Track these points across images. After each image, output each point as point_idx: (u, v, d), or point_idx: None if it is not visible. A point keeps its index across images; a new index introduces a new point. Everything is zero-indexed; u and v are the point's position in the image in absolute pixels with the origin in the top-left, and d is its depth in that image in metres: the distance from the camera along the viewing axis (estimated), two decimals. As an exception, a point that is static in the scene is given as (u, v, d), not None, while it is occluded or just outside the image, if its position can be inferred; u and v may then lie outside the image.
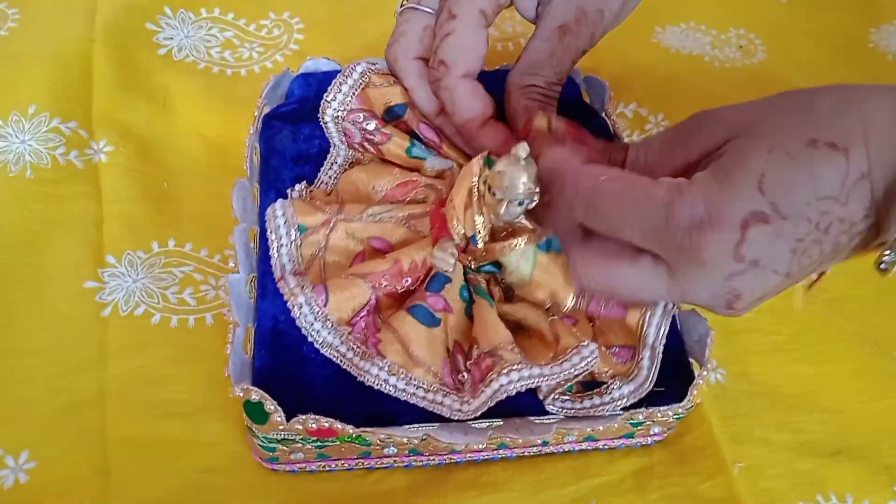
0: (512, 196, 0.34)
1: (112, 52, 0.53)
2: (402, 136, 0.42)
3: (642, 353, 0.36)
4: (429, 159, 0.42)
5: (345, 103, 0.43)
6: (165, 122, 0.52)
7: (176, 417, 0.40)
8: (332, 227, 0.38)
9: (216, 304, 0.44)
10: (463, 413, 0.35)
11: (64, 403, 0.40)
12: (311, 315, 0.36)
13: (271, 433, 0.35)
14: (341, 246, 0.39)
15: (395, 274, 0.37)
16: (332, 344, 0.36)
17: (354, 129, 0.43)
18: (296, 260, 0.38)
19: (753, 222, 0.30)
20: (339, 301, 0.36)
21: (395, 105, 0.43)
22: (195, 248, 0.46)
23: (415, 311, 0.36)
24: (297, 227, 0.38)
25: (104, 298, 0.44)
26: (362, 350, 0.36)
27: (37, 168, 0.48)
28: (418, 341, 0.36)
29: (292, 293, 0.36)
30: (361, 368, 0.36)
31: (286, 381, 0.36)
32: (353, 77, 0.43)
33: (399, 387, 0.35)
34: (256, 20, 0.58)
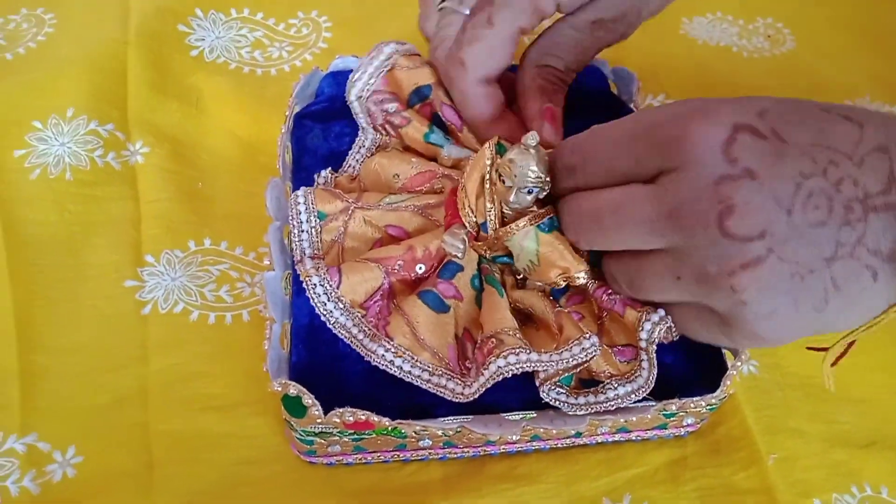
0: (521, 184, 0.34)
1: (146, 55, 0.54)
2: (421, 121, 0.42)
3: (641, 354, 0.36)
4: (445, 147, 0.42)
5: (369, 84, 0.43)
6: (198, 122, 0.53)
7: (215, 412, 0.41)
8: (350, 215, 0.39)
9: (252, 301, 0.45)
10: (464, 396, 0.35)
11: (107, 399, 0.41)
12: (325, 295, 0.36)
13: (309, 427, 0.35)
14: (359, 233, 0.39)
15: (408, 260, 0.38)
16: (343, 324, 0.37)
17: (377, 109, 0.43)
18: (315, 245, 0.39)
19: (746, 130, 0.29)
20: (353, 283, 0.37)
21: (423, 86, 0.43)
22: (230, 247, 0.47)
23: (425, 297, 0.37)
24: (316, 213, 0.39)
25: (144, 297, 0.45)
26: (372, 332, 0.37)
27: (76, 170, 0.49)
28: (426, 325, 0.36)
29: (307, 273, 0.37)
30: (369, 349, 0.36)
31: (323, 375, 0.36)
32: (379, 58, 0.43)
33: (405, 369, 0.36)
34: (285, 19, 0.59)
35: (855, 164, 0.28)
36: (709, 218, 0.29)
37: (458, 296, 0.38)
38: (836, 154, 0.28)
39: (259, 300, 0.45)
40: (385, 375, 0.36)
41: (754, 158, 0.28)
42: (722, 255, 0.29)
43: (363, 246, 0.39)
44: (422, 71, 0.43)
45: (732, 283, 0.29)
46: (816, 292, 0.29)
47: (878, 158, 0.28)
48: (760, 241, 0.28)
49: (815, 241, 0.28)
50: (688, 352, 0.38)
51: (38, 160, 0.49)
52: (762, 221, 0.28)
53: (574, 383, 0.37)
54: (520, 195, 0.35)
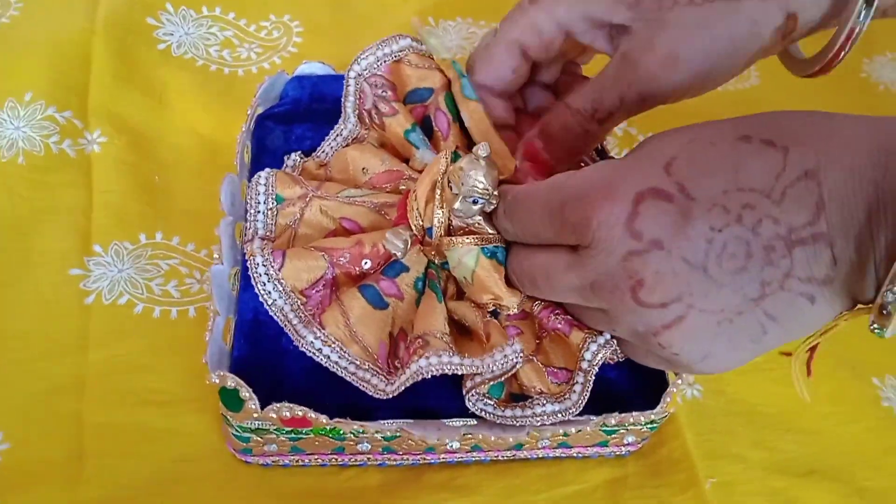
0: (467, 193, 0.35)
1: (111, 45, 0.54)
2: (407, 117, 0.42)
3: (576, 377, 0.35)
4: (421, 150, 0.42)
5: (374, 66, 0.43)
6: (160, 116, 0.52)
7: (153, 406, 0.40)
8: (308, 202, 0.39)
9: (200, 298, 0.45)
10: (385, 393, 0.35)
11: (42, 387, 0.40)
12: (265, 276, 0.36)
13: (246, 422, 0.35)
14: (314, 221, 0.39)
15: (355, 254, 0.37)
16: (280, 307, 0.36)
17: (370, 91, 0.43)
18: (268, 227, 0.39)
19: (649, 197, 0.28)
20: (296, 268, 0.37)
21: (424, 88, 0.43)
22: (182, 242, 0.47)
23: (364, 291, 0.37)
24: (274, 196, 0.39)
25: (88, 286, 0.44)
26: (306, 318, 0.36)
27: (29, 155, 0.48)
28: (361, 319, 0.36)
29: (252, 252, 0.37)
30: (300, 335, 0.36)
31: (263, 371, 0.36)
32: (392, 46, 0.43)
33: (332, 359, 0.36)
34: (257, 21, 0.59)
35: (774, 201, 0.27)
36: (623, 292, 0.29)
37: (399, 295, 0.37)
38: (752, 195, 0.27)
39: (207, 297, 0.45)
40: (327, 375, 0.36)
41: (659, 227, 0.28)
42: (644, 321, 0.30)
43: (316, 234, 0.39)
44: (429, 73, 0.43)
45: (660, 340, 0.30)
46: (751, 328, 0.29)
47: (804, 188, 0.27)
48: (678, 304, 0.29)
49: (738, 286, 0.28)
50: (631, 368, 0.38)
51: (-10, 142, 0.48)
52: (675, 287, 0.28)
53: (504, 396, 0.37)
54: (465, 203, 0.35)
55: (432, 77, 0.43)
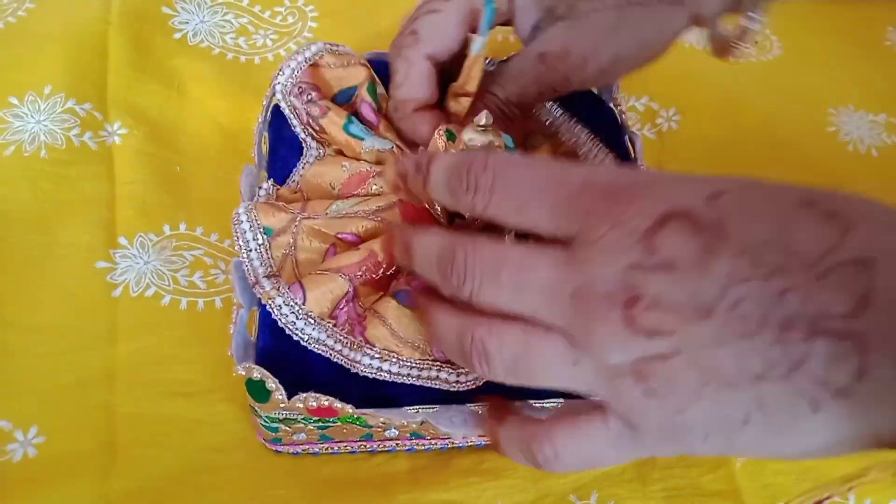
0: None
1: (128, 35, 0.54)
2: (339, 113, 0.41)
3: None
4: (367, 140, 0.41)
5: (293, 77, 0.42)
6: (179, 106, 0.52)
7: (182, 397, 0.41)
8: (298, 226, 0.38)
9: (225, 288, 0.45)
10: (461, 384, 0.35)
11: (73, 380, 0.41)
12: (292, 315, 0.36)
13: (273, 412, 0.35)
14: (309, 244, 0.38)
15: (370, 265, 0.37)
16: (318, 339, 0.36)
17: (299, 103, 0.42)
18: (267, 263, 0.38)
19: (682, 218, 0.26)
20: (317, 297, 0.36)
21: (348, 88, 0.43)
22: (206, 233, 0.47)
23: (398, 296, 0.37)
24: (262, 230, 0.38)
25: (115, 279, 0.44)
26: (350, 340, 0.36)
27: (51, 148, 0.48)
28: (404, 323, 0.36)
29: (269, 296, 0.36)
30: (352, 359, 0.36)
31: (289, 361, 0.36)
32: (304, 54, 0.43)
33: (392, 371, 0.36)
34: (271, 7, 0.58)
35: (814, 275, 0.23)
36: (612, 305, 0.26)
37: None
38: (792, 260, 0.24)
39: (233, 287, 0.45)
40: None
41: (678, 250, 0.25)
42: (626, 347, 0.26)
43: (316, 256, 0.38)
44: (348, 71, 0.43)
45: (639, 371, 0.26)
46: (734, 410, 0.25)
47: (853, 273, 0.23)
48: (668, 339, 0.25)
49: (740, 354, 0.24)
50: None
51: (12, 137, 0.49)
52: (672, 319, 0.25)
53: None
54: None
55: (353, 74, 0.43)
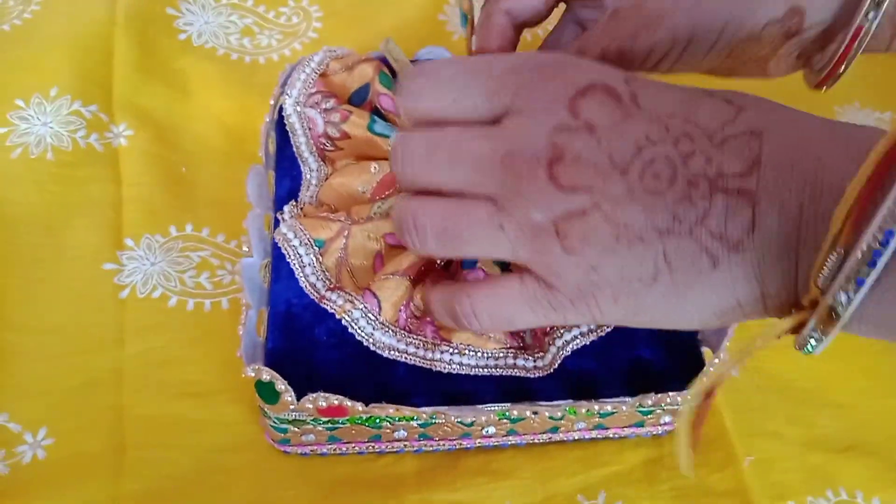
0: None
1: (133, 37, 0.54)
2: (361, 114, 0.41)
3: None
4: (392, 136, 0.41)
5: (305, 89, 0.42)
6: (184, 107, 0.52)
7: (190, 398, 0.41)
8: (348, 234, 0.38)
9: (232, 289, 0.45)
10: (539, 370, 0.36)
11: (81, 381, 0.41)
12: (369, 326, 0.36)
13: (282, 413, 0.35)
14: (361, 248, 0.38)
15: (428, 263, 0.37)
16: (392, 346, 0.36)
17: (316, 113, 0.42)
18: (324, 277, 0.38)
19: (601, 91, 0.28)
20: (390, 306, 0.36)
21: (360, 88, 0.43)
22: (212, 234, 0.47)
23: None
24: (314, 242, 0.38)
25: (122, 280, 0.44)
26: (423, 341, 0.37)
27: (58, 150, 0.49)
28: None
29: (344, 310, 0.36)
30: (430, 359, 0.36)
31: (298, 362, 0.36)
32: (310, 65, 0.43)
33: (472, 364, 0.36)
34: (275, 7, 0.58)
35: (714, 143, 0.27)
36: (538, 165, 0.28)
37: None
38: (696, 129, 0.27)
39: (239, 288, 0.45)
40: (360, 363, 0.36)
41: (598, 115, 0.28)
42: (548, 204, 0.28)
43: (367, 261, 0.38)
44: (358, 70, 0.43)
45: (558, 228, 0.28)
46: (645, 265, 0.28)
47: (746, 142, 0.26)
48: (586, 195, 0.27)
49: (650, 209, 0.27)
50: (666, 348, 0.38)
51: (19, 139, 0.49)
52: (591, 175, 0.27)
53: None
54: None
55: (360, 72, 0.43)
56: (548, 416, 0.36)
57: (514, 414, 0.36)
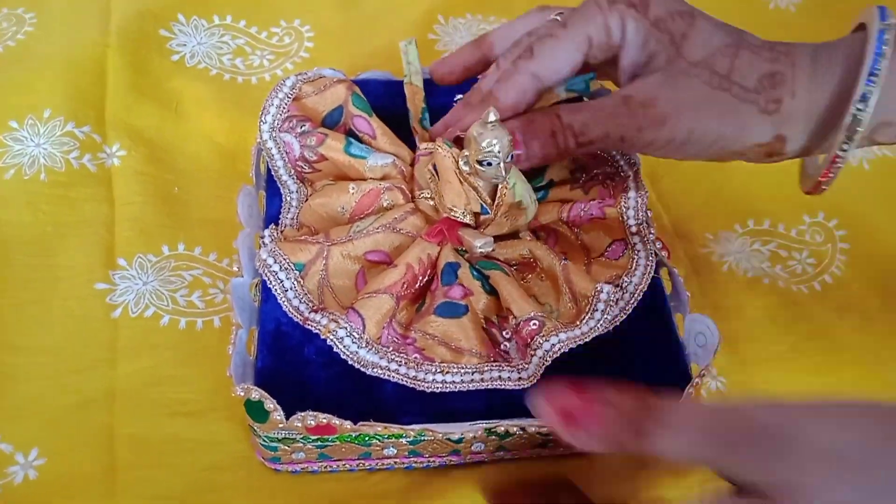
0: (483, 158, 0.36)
1: (126, 58, 0.54)
2: (336, 137, 0.42)
3: (632, 239, 0.40)
4: (370, 157, 0.41)
5: (279, 114, 0.43)
6: (177, 127, 0.53)
7: (182, 417, 0.41)
8: (327, 255, 0.39)
9: (224, 308, 0.45)
10: (524, 381, 0.37)
11: (73, 401, 0.41)
12: (354, 344, 0.36)
13: (272, 432, 0.35)
14: (341, 269, 0.39)
15: (409, 280, 0.38)
16: (376, 363, 0.37)
17: (291, 137, 0.42)
18: (307, 299, 0.38)
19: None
20: (374, 321, 0.37)
21: (333, 111, 0.43)
22: (204, 252, 0.47)
23: (441, 310, 0.38)
24: (293, 266, 0.38)
25: (114, 300, 0.44)
26: (406, 359, 0.37)
27: (51, 171, 0.49)
28: (456, 335, 0.37)
29: (328, 329, 0.36)
30: (414, 378, 0.36)
31: (287, 381, 0.36)
32: (283, 90, 0.43)
33: (456, 381, 0.36)
34: (268, 28, 0.59)
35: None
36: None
37: (469, 292, 0.38)
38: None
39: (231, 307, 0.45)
40: (350, 382, 0.36)
41: None
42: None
43: (348, 281, 0.39)
44: (328, 93, 0.43)
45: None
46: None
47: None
48: None
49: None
50: (654, 361, 0.38)
51: (12, 160, 0.49)
52: None
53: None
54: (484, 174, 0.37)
55: (333, 95, 0.43)
56: (535, 431, 0.36)
57: (501, 430, 0.36)
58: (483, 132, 0.35)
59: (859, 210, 0.53)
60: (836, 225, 0.53)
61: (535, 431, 0.37)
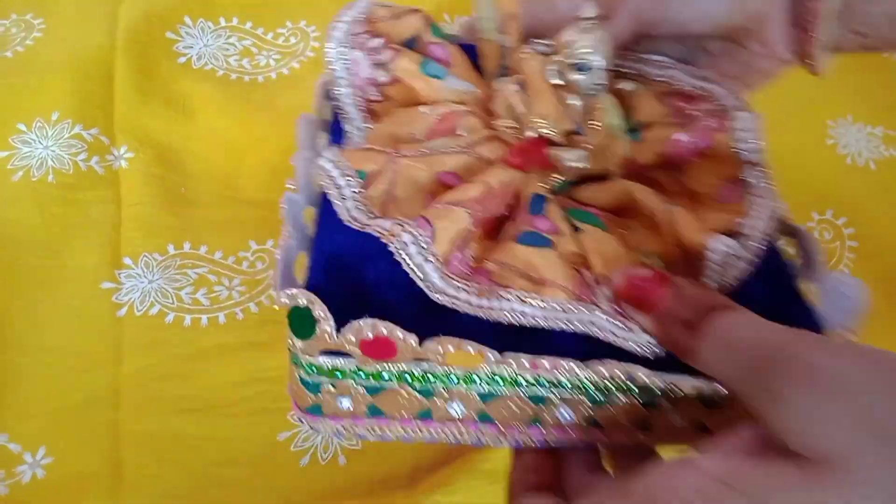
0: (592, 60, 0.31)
1: (133, 61, 0.55)
2: (411, 56, 0.36)
3: (748, 173, 0.31)
4: (447, 79, 0.36)
5: (350, 32, 0.37)
6: (184, 128, 0.53)
7: (187, 413, 0.41)
8: (395, 168, 0.33)
9: (229, 304, 0.45)
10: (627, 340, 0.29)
11: (79, 400, 0.41)
12: (420, 255, 0.30)
13: (318, 356, 0.29)
14: (410, 182, 0.33)
15: (488, 201, 0.32)
16: (444, 290, 0.30)
17: (360, 54, 0.37)
18: (366, 208, 0.32)
19: None
20: (445, 233, 0.30)
21: (407, 39, 0.37)
22: (210, 251, 0.47)
23: (523, 239, 0.31)
24: (355, 173, 0.32)
25: (120, 299, 0.45)
26: (478, 288, 0.30)
27: (59, 173, 0.49)
28: (538, 264, 0.30)
29: (391, 233, 0.30)
30: (491, 307, 0.29)
31: (343, 304, 0.29)
32: (354, 11, 0.37)
33: (538, 314, 0.29)
34: (274, 28, 0.59)
35: None
36: None
37: (557, 229, 0.32)
38: None
39: (237, 303, 0.45)
40: (418, 306, 0.30)
41: None
42: None
43: (417, 199, 0.33)
44: (406, 20, 0.38)
45: None
46: None
47: None
48: None
49: None
50: None
51: (21, 163, 0.49)
52: None
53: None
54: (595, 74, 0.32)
55: (408, 23, 0.38)
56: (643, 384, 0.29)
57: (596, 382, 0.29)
58: (578, 33, 0.31)
59: (868, 208, 0.53)
60: (845, 223, 0.52)
61: (643, 385, 0.29)
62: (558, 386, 0.30)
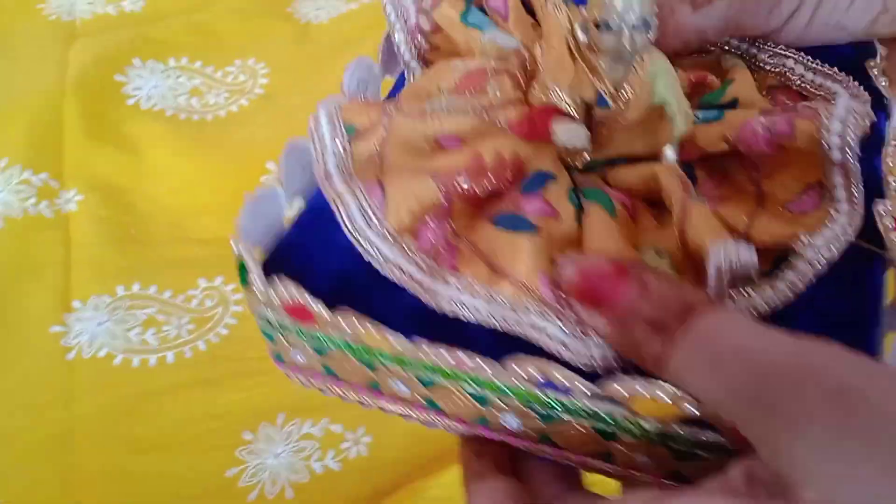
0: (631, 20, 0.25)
1: (82, 104, 0.56)
2: (454, 2, 0.33)
3: (833, 179, 0.26)
4: (488, 31, 0.32)
5: None
6: (134, 169, 0.54)
7: (140, 452, 0.42)
8: (390, 121, 0.29)
9: (178, 343, 0.46)
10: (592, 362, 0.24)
11: (31, 443, 0.41)
12: (363, 220, 0.26)
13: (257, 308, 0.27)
14: (403, 142, 0.29)
15: (473, 172, 0.28)
16: (391, 260, 0.26)
17: (410, 2, 0.34)
18: (344, 166, 0.28)
19: None
20: (397, 200, 0.27)
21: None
22: (159, 290, 0.48)
23: (500, 220, 0.27)
24: (343, 128, 0.29)
25: (69, 342, 0.45)
26: (430, 266, 0.26)
27: (7, 219, 0.50)
28: (503, 251, 0.26)
29: (338, 195, 0.27)
30: (429, 289, 0.26)
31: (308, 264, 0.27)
32: None
33: (479, 307, 0.25)
34: (223, 67, 0.60)
35: None
36: None
37: (552, 212, 0.27)
38: None
39: (185, 342, 0.45)
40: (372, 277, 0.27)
41: None
42: None
43: (410, 160, 0.29)
44: None
45: None
46: None
47: None
48: None
49: None
50: None
51: (-31, 210, 0.50)
52: None
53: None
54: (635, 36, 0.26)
55: None
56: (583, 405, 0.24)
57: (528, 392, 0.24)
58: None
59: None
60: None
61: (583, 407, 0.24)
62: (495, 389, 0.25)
